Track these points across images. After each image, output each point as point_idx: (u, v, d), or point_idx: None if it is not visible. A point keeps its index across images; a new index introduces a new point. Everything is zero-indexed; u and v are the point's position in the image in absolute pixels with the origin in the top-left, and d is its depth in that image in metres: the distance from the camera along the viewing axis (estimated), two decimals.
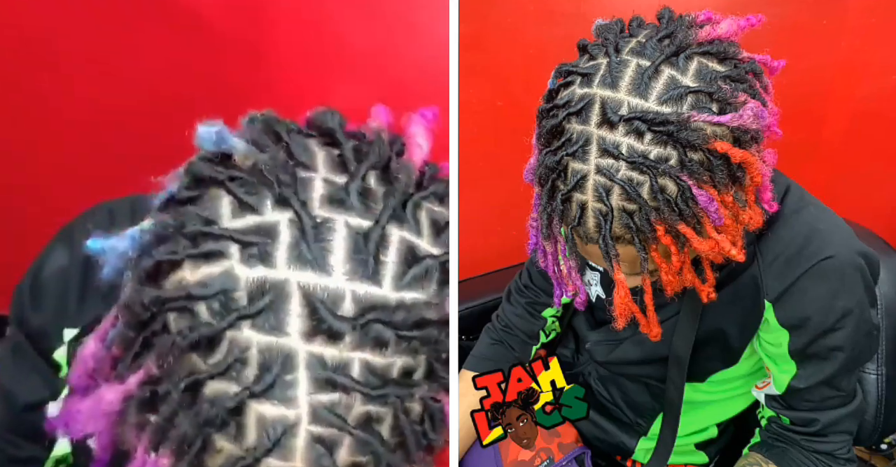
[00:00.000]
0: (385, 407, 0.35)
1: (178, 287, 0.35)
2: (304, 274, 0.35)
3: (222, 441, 0.33)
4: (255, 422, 0.33)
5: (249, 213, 0.36)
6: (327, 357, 0.34)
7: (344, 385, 0.34)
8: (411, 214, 0.39)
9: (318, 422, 0.34)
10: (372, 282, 0.36)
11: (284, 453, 0.33)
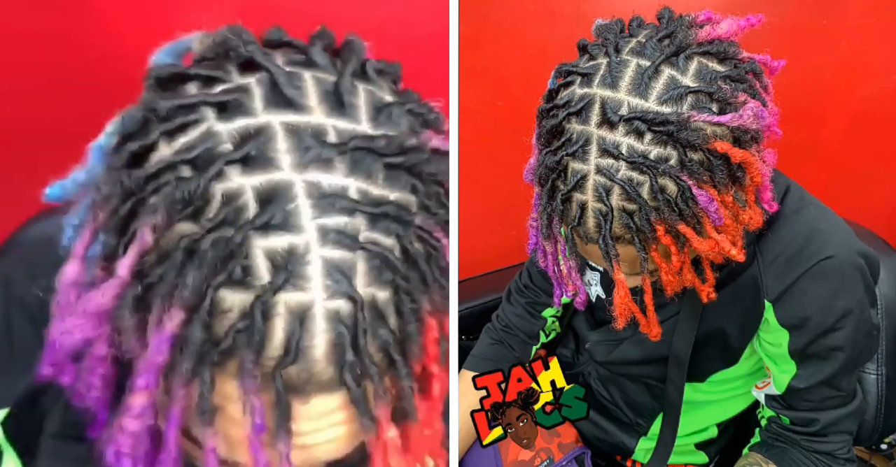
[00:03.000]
0: (389, 236, 0.34)
1: (159, 161, 0.33)
2: (285, 115, 0.34)
3: (230, 293, 0.31)
4: (263, 258, 0.31)
5: (218, 84, 0.35)
6: (324, 183, 0.33)
7: (346, 206, 0.33)
8: (372, 73, 0.39)
9: (328, 245, 0.32)
10: (350, 119, 0.36)
11: (300, 283, 0.31)
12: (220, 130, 0.34)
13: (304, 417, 0.33)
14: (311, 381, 0.32)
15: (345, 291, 0.32)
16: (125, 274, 0.32)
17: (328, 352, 0.32)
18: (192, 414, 0.31)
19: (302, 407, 0.33)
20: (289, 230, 0.32)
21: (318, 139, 0.34)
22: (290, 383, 0.31)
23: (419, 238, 0.36)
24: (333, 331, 0.32)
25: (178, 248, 0.31)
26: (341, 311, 0.32)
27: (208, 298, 0.30)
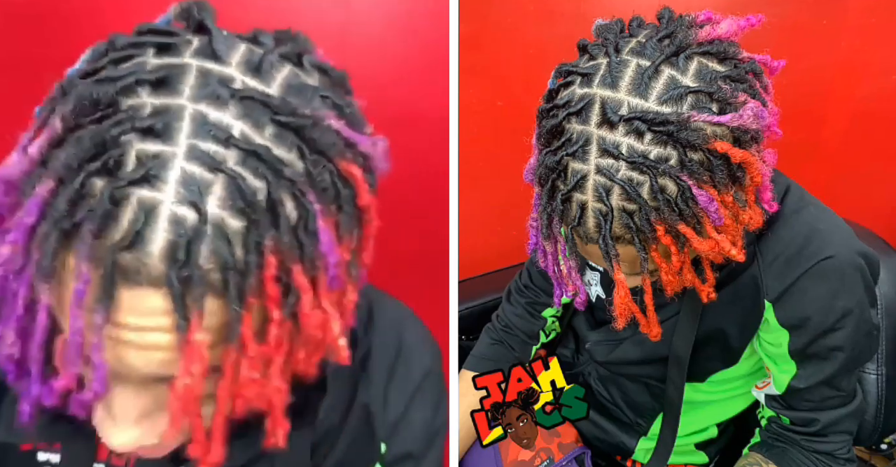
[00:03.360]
0: (257, 177, 0.37)
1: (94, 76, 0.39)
2: (205, 61, 0.40)
3: (98, 180, 0.35)
4: (133, 156, 0.36)
5: (171, 38, 0.41)
6: (211, 116, 0.38)
7: (221, 137, 0.37)
8: (307, 63, 0.44)
9: (193, 160, 0.36)
10: (261, 82, 0.40)
11: (157, 183, 0.36)
12: (150, 61, 0.40)
13: (129, 309, 0.36)
14: (141, 272, 0.35)
15: (193, 201, 0.36)
16: (34, 153, 0.37)
17: (163, 250, 0.35)
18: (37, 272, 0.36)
19: (128, 298, 0.36)
20: (163, 140, 0.37)
21: (223, 83, 0.39)
22: (122, 267, 0.35)
23: (292, 194, 0.38)
24: (173, 233, 0.35)
25: (70, 137, 0.36)
26: (186, 218, 0.36)
27: (80, 177, 0.35)
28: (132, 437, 0.42)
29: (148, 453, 0.46)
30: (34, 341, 0.37)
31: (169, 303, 0.36)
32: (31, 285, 0.36)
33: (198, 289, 0.36)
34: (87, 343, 0.36)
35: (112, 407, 0.41)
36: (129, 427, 0.41)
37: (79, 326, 0.36)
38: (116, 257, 0.35)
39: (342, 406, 0.59)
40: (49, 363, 0.40)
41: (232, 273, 0.36)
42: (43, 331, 0.37)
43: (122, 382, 0.40)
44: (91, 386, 0.37)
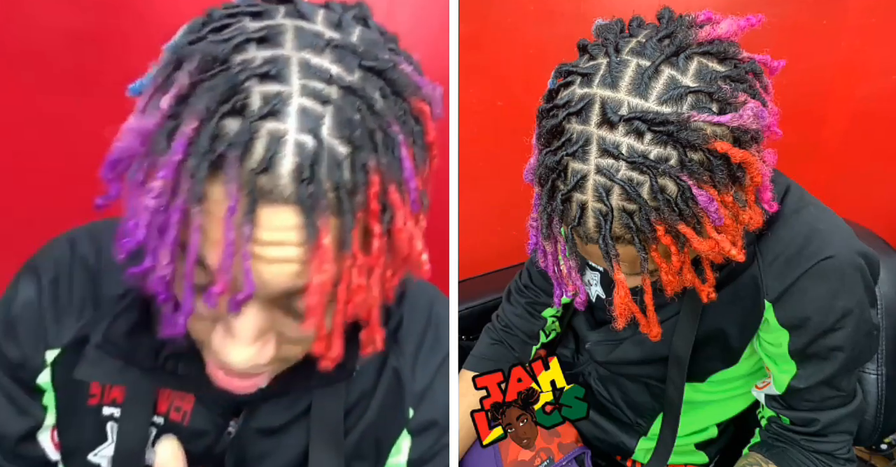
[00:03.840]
0: (353, 109, 0.44)
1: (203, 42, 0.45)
2: (297, 21, 0.46)
3: (230, 120, 0.42)
4: (258, 97, 0.42)
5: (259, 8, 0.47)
6: (312, 61, 0.44)
7: (324, 78, 0.44)
8: (372, 24, 0.50)
9: (306, 97, 0.43)
10: (343, 34, 0.47)
11: (281, 117, 0.42)
12: (249, 25, 0.45)
13: (266, 225, 0.42)
14: (275, 191, 0.42)
15: (311, 129, 0.42)
16: (165, 106, 0.43)
17: (292, 171, 0.41)
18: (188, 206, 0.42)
19: (265, 215, 0.42)
20: (280, 82, 0.43)
21: (316, 36, 0.45)
22: (260, 188, 0.41)
23: (379, 125, 0.45)
24: (299, 156, 0.42)
25: (199, 88, 0.42)
26: (307, 144, 0.42)
27: (216, 118, 0.41)
28: (249, 354, 0.47)
29: (244, 384, 0.52)
30: (189, 260, 0.43)
31: (299, 216, 0.42)
32: (183, 212, 0.42)
33: (321, 203, 0.42)
34: (237, 252, 0.42)
35: (234, 327, 0.47)
36: (247, 345, 0.47)
37: (232, 238, 0.42)
38: (255, 179, 0.41)
39: (374, 371, 0.65)
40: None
41: (344, 191, 0.43)
42: (195, 251, 0.43)
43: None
44: (244, 288, 0.43)
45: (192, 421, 0.62)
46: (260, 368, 0.50)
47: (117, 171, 0.45)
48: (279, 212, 0.42)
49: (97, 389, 0.62)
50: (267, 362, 0.49)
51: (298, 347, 0.52)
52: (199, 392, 0.61)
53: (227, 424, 0.62)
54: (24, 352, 0.61)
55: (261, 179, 0.41)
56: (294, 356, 0.53)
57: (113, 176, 0.46)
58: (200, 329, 0.50)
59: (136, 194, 0.44)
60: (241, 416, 0.62)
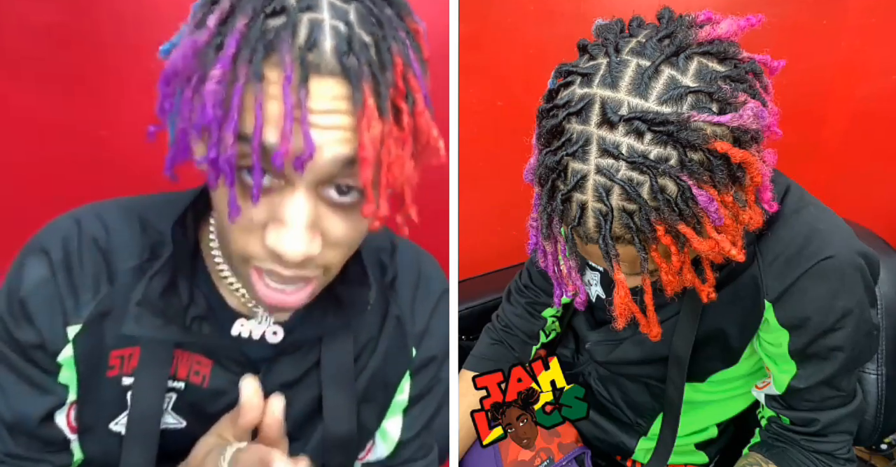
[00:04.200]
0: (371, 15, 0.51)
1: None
2: None
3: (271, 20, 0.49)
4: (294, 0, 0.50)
5: None
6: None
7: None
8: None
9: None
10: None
11: (315, 10, 0.49)
12: None
13: (317, 95, 0.48)
14: (321, 65, 0.48)
15: (342, 18, 0.49)
16: (212, 24, 0.48)
17: (333, 48, 0.48)
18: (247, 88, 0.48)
19: (315, 86, 0.48)
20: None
21: None
22: (309, 63, 0.47)
23: (390, 25, 0.51)
24: (336, 38, 0.48)
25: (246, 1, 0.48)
26: (341, 28, 0.48)
27: (261, 17, 0.48)
28: (303, 242, 0.51)
29: (290, 298, 0.57)
30: (256, 137, 0.48)
31: (344, 86, 0.48)
32: (242, 94, 0.47)
33: (361, 73, 0.48)
34: (298, 118, 0.48)
35: (286, 216, 0.51)
36: (301, 231, 0.51)
37: (291, 103, 0.47)
38: (305, 55, 0.47)
39: (378, 320, 0.72)
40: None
41: (375, 67, 0.49)
42: (260, 128, 0.48)
43: (293, 188, 0.51)
44: (306, 149, 0.48)
45: (211, 383, 0.66)
46: (309, 268, 0.55)
47: (172, 86, 0.51)
48: (327, 83, 0.48)
49: (116, 361, 0.64)
50: (317, 253, 0.53)
51: (337, 253, 0.56)
52: (217, 353, 0.66)
53: None
54: (41, 332, 0.62)
55: (308, 55, 0.47)
56: (332, 265, 0.58)
57: (168, 91, 0.52)
58: (249, 241, 0.54)
59: (188, 105, 0.50)
60: (261, 373, 0.66)
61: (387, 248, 0.74)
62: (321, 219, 0.53)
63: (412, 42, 0.53)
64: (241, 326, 0.66)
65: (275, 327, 0.67)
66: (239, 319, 0.67)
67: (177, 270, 0.63)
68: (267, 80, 0.48)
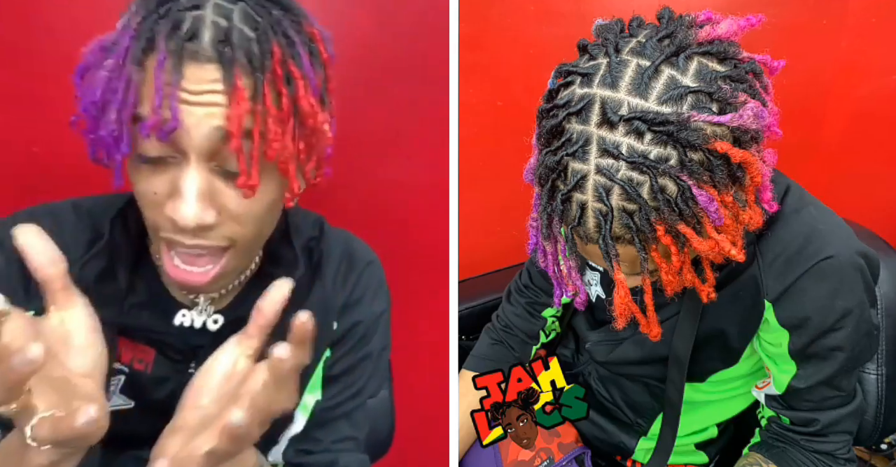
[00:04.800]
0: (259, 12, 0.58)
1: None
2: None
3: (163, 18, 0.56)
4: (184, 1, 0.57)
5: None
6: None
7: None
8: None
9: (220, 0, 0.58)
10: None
11: (202, 7, 0.57)
12: None
13: (194, 78, 0.54)
14: (199, 53, 0.54)
15: (225, 15, 0.56)
16: (118, 26, 0.56)
17: (212, 38, 0.55)
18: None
19: (191, 71, 0.54)
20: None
21: None
22: (186, 50, 0.54)
23: (278, 23, 0.57)
24: (215, 30, 0.55)
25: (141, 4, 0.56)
26: (222, 23, 0.55)
27: (153, 16, 0.54)
28: (195, 210, 0.56)
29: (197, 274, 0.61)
30: (126, 111, 0.55)
31: (219, 71, 0.54)
32: (128, 77, 0.54)
33: (236, 60, 0.54)
34: (166, 96, 0.54)
35: (181, 187, 0.56)
36: (193, 200, 0.56)
37: (161, 82, 0.54)
38: (183, 45, 0.54)
39: (302, 299, 0.73)
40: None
41: (253, 55, 0.55)
42: (134, 103, 0.55)
43: (188, 162, 0.56)
44: (171, 121, 0.54)
45: (154, 370, 0.69)
46: (210, 238, 0.59)
47: (85, 78, 0.58)
48: (205, 68, 0.54)
49: None
50: (211, 222, 0.58)
51: (242, 228, 0.61)
52: (159, 342, 0.69)
53: (186, 369, 0.70)
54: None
55: (188, 45, 0.54)
56: (239, 239, 0.61)
57: (80, 82, 0.58)
58: (157, 214, 0.59)
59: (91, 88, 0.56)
60: (199, 359, 0.67)
61: (315, 236, 0.79)
62: (217, 192, 0.58)
63: (303, 40, 0.59)
64: (182, 316, 0.69)
65: (215, 316, 0.70)
66: (181, 310, 0.69)
67: (114, 259, 0.67)
68: (147, 68, 0.55)
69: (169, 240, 0.60)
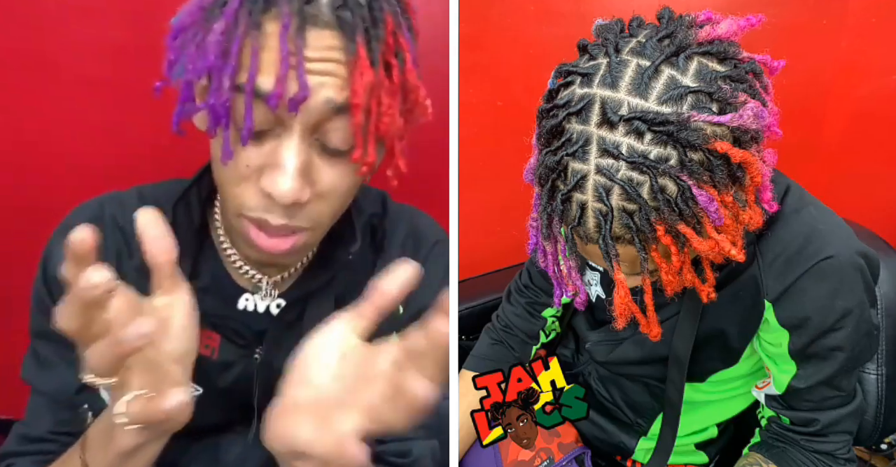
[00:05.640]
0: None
1: None
2: None
3: None
4: None
5: None
6: None
7: None
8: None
9: None
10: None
11: None
12: None
13: (313, 45, 0.52)
14: (318, 17, 0.52)
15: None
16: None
17: (330, 2, 0.52)
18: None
19: (312, 37, 0.52)
20: None
21: None
22: (306, 15, 0.51)
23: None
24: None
25: None
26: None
27: None
28: (295, 183, 0.54)
29: (282, 243, 0.59)
30: (250, 82, 0.52)
31: (339, 39, 0.52)
32: (241, 41, 0.52)
33: (356, 27, 0.52)
34: (293, 65, 0.52)
35: (280, 159, 0.54)
36: (293, 173, 0.54)
37: (287, 51, 0.51)
38: (303, 8, 0.51)
39: (365, 280, 0.68)
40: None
41: (369, 22, 0.53)
42: (255, 73, 0.52)
43: (290, 133, 0.54)
44: (300, 91, 0.52)
45: (220, 355, 0.69)
46: (298, 218, 0.57)
47: (178, 40, 0.55)
48: (322, 34, 0.52)
49: None
50: (307, 198, 0.56)
51: (326, 206, 0.59)
52: (224, 328, 0.69)
53: (252, 354, 0.70)
54: None
55: (306, 8, 0.51)
56: (321, 219, 0.60)
57: (174, 44, 0.56)
58: (244, 190, 0.57)
59: (192, 57, 0.53)
60: (263, 344, 0.69)
61: (378, 213, 0.76)
62: (313, 167, 0.56)
63: (402, 10, 0.57)
64: (245, 300, 0.69)
65: (278, 300, 0.70)
66: (244, 294, 0.69)
67: (178, 244, 0.66)
68: (265, 32, 0.52)
69: (255, 219, 0.58)
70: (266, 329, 0.70)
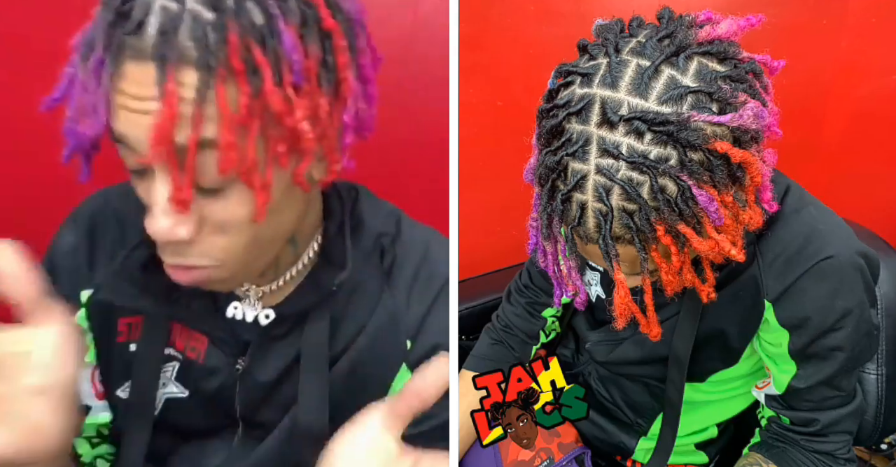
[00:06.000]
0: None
1: None
2: None
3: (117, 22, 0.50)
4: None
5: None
6: None
7: None
8: None
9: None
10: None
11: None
12: None
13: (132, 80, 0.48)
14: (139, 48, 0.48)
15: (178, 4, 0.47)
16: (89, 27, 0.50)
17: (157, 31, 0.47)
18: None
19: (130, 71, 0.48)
20: None
21: None
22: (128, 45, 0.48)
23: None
24: (163, 17, 0.47)
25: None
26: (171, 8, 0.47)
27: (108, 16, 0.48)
28: (164, 224, 0.52)
29: (185, 276, 0.57)
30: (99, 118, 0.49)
31: (155, 73, 0.47)
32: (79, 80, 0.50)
33: (178, 56, 0.47)
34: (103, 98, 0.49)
35: (151, 196, 0.52)
36: (161, 214, 0.52)
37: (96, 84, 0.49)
38: (125, 39, 0.47)
39: (369, 307, 0.68)
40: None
41: (203, 47, 0.47)
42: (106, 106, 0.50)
43: (153, 171, 0.51)
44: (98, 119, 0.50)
45: (206, 360, 0.68)
46: (190, 255, 0.55)
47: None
48: (143, 67, 0.47)
49: (124, 327, 0.68)
50: (187, 236, 0.53)
51: (230, 239, 0.55)
52: (212, 333, 0.68)
53: (235, 363, 0.69)
54: (63, 296, 0.62)
55: (129, 39, 0.47)
56: (224, 255, 0.56)
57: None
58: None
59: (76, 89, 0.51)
60: (247, 354, 0.68)
61: (390, 233, 0.71)
62: (197, 204, 0.53)
63: (304, 11, 0.50)
64: (234, 308, 0.69)
65: (267, 310, 0.69)
66: (233, 302, 0.69)
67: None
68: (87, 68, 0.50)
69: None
70: (251, 340, 0.68)
